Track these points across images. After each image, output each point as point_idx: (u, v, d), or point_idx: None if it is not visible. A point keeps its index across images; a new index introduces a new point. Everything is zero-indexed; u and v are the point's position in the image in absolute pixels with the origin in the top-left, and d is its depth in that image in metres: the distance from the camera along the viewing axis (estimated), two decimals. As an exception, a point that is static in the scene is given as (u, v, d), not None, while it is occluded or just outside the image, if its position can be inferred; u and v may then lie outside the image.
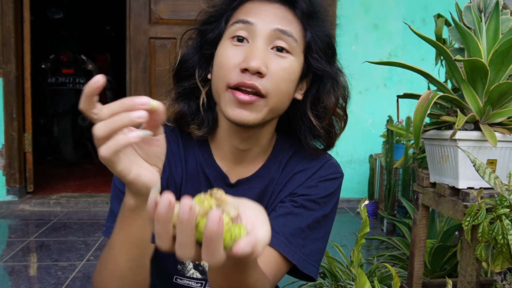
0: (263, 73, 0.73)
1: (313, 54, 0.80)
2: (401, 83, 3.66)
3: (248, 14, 0.77)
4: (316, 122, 0.84)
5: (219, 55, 0.78)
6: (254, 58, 0.73)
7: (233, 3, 0.81)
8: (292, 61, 0.77)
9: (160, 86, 3.63)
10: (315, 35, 0.80)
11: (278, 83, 0.76)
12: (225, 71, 0.75)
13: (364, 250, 2.55)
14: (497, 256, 1.02)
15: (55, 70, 4.53)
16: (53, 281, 2.10)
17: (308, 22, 0.79)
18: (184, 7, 3.56)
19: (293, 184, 0.86)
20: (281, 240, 0.78)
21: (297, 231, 0.80)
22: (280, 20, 0.77)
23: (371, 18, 3.59)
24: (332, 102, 0.84)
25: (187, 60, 0.85)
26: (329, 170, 0.88)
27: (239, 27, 0.76)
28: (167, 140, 0.84)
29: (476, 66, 1.08)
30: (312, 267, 0.82)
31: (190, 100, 0.85)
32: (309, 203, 0.83)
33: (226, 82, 0.75)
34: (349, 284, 1.55)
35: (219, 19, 0.81)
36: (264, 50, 0.75)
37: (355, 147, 3.65)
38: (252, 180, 0.87)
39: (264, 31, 0.75)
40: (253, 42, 0.76)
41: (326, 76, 0.83)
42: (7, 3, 3.36)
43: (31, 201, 3.46)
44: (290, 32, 0.76)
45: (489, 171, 0.99)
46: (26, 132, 3.57)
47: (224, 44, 0.78)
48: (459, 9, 1.23)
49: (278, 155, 0.89)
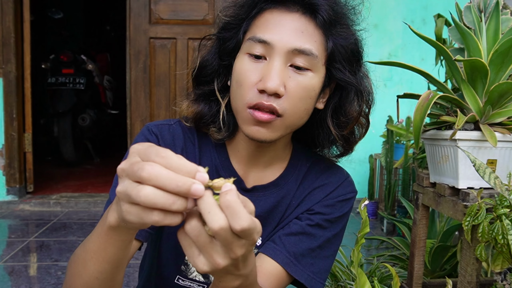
0: (280, 94, 0.72)
1: (336, 65, 0.77)
2: (401, 83, 3.66)
3: (266, 30, 0.74)
4: (335, 132, 0.83)
5: (237, 71, 0.76)
6: (271, 79, 0.71)
7: (251, 12, 0.77)
8: (312, 78, 0.75)
9: (160, 86, 3.63)
10: (338, 44, 0.76)
11: (296, 102, 0.74)
12: (243, 90, 0.74)
13: (364, 250, 2.55)
14: (497, 256, 1.02)
15: (55, 70, 4.52)
16: (53, 281, 2.10)
17: (331, 31, 0.75)
18: (184, 7, 3.56)
19: (311, 200, 0.86)
20: (290, 260, 0.79)
21: (307, 251, 0.81)
22: (299, 36, 0.73)
23: (371, 18, 3.58)
24: (356, 111, 0.82)
25: (206, 66, 0.83)
26: (347, 189, 0.88)
27: (256, 44, 0.74)
28: (183, 137, 0.84)
29: (476, 66, 1.08)
30: (320, 284, 0.83)
31: (210, 102, 0.84)
32: (324, 222, 0.83)
33: (245, 102, 0.74)
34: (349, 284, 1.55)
35: (237, 28, 0.79)
36: (282, 69, 0.73)
37: (355, 147, 3.64)
38: (268, 188, 0.86)
39: (282, 50, 0.72)
40: (270, 61, 0.73)
41: (348, 85, 0.80)
42: (7, 3, 3.36)
43: (31, 201, 3.46)
44: (310, 51, 0.73)
45: (489, 171, 0.99)
46: (26, 132, 3.57)
47: (242, 59, 0.76)
48: (459, 9, 1.23)
49: (296, 166, 0.88)
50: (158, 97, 3.63)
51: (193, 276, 0.87)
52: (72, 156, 4.66)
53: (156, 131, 0.82)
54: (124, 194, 0.45)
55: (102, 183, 4.10)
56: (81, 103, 4.66)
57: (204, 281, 0.86)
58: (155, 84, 3.62)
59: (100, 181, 4.19)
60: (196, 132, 0.86)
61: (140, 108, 3.62)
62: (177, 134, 0.83)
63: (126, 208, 0.45)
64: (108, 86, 5.33)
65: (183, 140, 0.84)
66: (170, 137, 0.82)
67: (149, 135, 0.81)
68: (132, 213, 0.45)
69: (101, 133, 5.32)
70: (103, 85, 5.16)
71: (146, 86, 3.61)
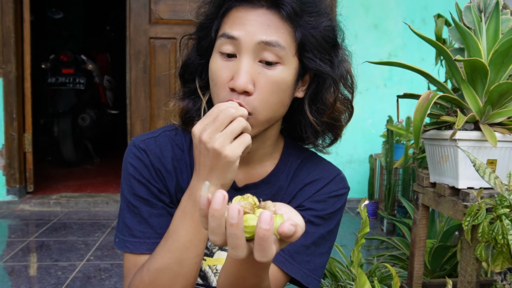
0: (250, 92, 0.73)
1: (306, 54, 0.77)
2: (401, 83, 3.66)
3: (233, 26, 0.75)
4: (313, 119, 0.83)
5: (211, 70, 0.78)
6: (239, 78, 0.72)
7: (219, 12, 0.79)
8: (282, 71, 0.75)
9: (160, 86, 3.63)
10: (307, 33, 0.75)
11: (267, 97, 0.75)
12: (217, 89, 0.76)
13: (364, 250, 2.55)
14: (497, 256, 1.02)
15: (55, 70, 4.52)
16: (53, 281, 2.10)
17: (298, 22, 0.75)
18: (184, 7, 3.56)
19: (302, 196, 0.86)
20: (285, 258, 0.79)
21: (302, 248, 0.81)
22: (265, 29, 0.73)
23: (371, 18, 3.59)
24: (332, 98, 0.82)
25: (189, 64, 0.85)
26: (339, 185, 0.87)
27: (225, 41, 0.75)
28: (170, 146, 0.85)
29: (476, 66, 1.08)
30: (316, 282, 0.83)
31: (195, 98, 0.85)
32: (316, 219, 0.83)
33: (219, 101, 0.75)
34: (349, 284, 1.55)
35: (209, 27, 0.80)
36: (251, 65, 0.73)
37: (355, 147, 3.65)
38: (259, 186, 0.86)
39: (249, 45, 0.73)
40: (239, 58, 0.74)
41: (322, 74, 0.80)
42: (7, 3, 3.36)
43: (31, 201, 3.46)
44: (276, 42, 0.73)
45: (489, 171, 0.99)
46: (26, 132, 3.57)
47: (214, 58, 0.77)
48: (459, 9, 1.23)
49: (286, 162, 0.89)
50: (158, 97, 3.63)
51: None
52: (72, 156, 4.66)
53: (144, 147, 0.83)
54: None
55: (102, 183, 4.10)
56: (81, 103, 4.66)
57: (202, 283, 0.87)
58: (155, 84, 3.62)
59: (100, 181, 4.19)
60: (184, 135, 0.87)
61: (140, 108, 3.62)
62: (164, 145, 0.84)
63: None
64: (108, 86, 5.33)
65: (171, 148, 0.85)
66: (158, 150, 0.83)
67: (138, 152, 0.82)
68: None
69: (101, 133, 5.32)
70: (103, 85, 5.16)
71: (146, 86, 3.61)
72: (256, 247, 0.48)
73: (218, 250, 0.87)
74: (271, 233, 0.46)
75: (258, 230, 0.47)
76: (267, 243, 0.47)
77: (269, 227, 0.46)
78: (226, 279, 0.67)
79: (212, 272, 0.86)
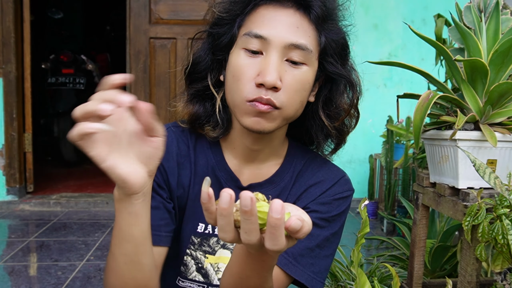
0: (278, 87, 0.74)
1: (328, 58, 0.80)
2: (401, 83, 3.66)
3: (261, 25, 0.76)
4: (328, 122, 0.85)
5: (233, 65, 0.78)
6: (269, 74, 0.73)
7: (246, 8, 0.79)
8: (306, 71, 0.77)
9: (160, 86, 3.63)
10: (330, 39, 0.79)
11: (292, 94, 0.76)
12: (241, 84, 0.76)
13: (364, 250, 2.55)
14: (497, 256, 1.02)
15: (55, 70, 4.53)
16: (53, 281, 2.10)
17: (323, 26, 0.78)
18: (184, 7, 3.57)
19: (307, 197, 0.86)
20: (289, 261, 0.79)
21: (306, 251, 0.81)
22: (295, 32, 0.75)
23: (371, 18, 3.59)
24: (346, 103, 0.84)
25: (199, 62, 0.84)
26: (344, 187, 0.87)
27: (253, 40, 0.75)
28: (176, 141, 0.84)
29: (476, 66, 1.08)
30: (321, 284, 0.83)
31: (205, 101, 0.85)
32: (320, 221, 0.83)
33: (243, 96, 0.75)
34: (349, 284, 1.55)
35: (231, 23, 0.80)
36: (279, 63, 0.75)
37: (355, 147, 3.65)
38: (264, 186, 0.86)
39: (278, 45, 0.74)
40: (267, 55, 0.75)
41: (340, 78, 0.83)
42: (7, 3, 3.36)
43: (31, 201, 3.46)
44: (305, 45, 0.75)
45: (489, 171, 0.99)
46: (26, 132, 3.57)
47: (238, 54, 0.77)
48: (459, 9, 1.23)
49: (291, 163, 0.89)
50: (158, 97, 3.63)
51: (193, 276, 0.87)
52: (72, 156, 4.66)
53: None
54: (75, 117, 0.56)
55: (102, 183, 4.10)
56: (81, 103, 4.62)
57: (203, 281, 0.86)
58: (155, 84, 3.62)
59: (100, 181, 4.18)
60: (190, 134, 0.87)
61: (140, 108, 3.61)
62: (169, 140, 0.84)
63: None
64: (108, 86, 5.31)
65: (177, 144, 0.85)
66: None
67: None
68: (75, 129, 0.56)
69: (101, 133, 5.30)
70: (103, 85, 5.15)
71: (146, 86, 3.61)
72: (267, 235, 0.49)
73: (220, 248, 0.87)
74: (282, 221, 0.47)
75: (269, 219, 0.47)
76: (279, 231, 0.48)
77: (280, 216, 0.47)
78: (230, 278, 0.67)
79: (214, 270, 0.86)
